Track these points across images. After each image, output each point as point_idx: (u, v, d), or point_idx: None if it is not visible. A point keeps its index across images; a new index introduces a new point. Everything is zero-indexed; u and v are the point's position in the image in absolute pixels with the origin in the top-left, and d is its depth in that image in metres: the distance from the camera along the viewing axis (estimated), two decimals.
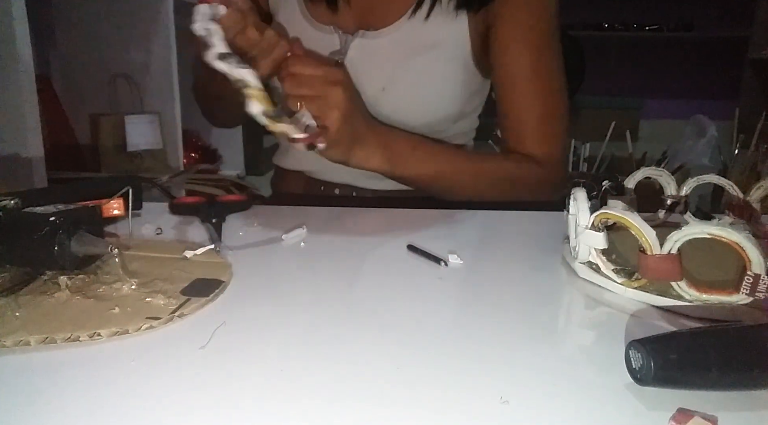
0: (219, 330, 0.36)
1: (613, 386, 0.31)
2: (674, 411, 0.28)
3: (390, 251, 0.52)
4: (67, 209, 0.43)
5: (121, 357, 0.33)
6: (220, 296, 0.41)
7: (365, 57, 0.76)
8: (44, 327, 0.35)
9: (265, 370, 0.32)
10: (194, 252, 0.47)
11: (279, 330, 0.37)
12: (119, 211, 0.49)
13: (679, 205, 0.57)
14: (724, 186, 0.56)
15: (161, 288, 0.41)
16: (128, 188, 0.50)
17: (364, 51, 0.76)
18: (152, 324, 0.36)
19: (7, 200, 0.44)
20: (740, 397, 0.30)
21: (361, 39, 0.76)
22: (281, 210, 0.67)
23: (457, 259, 0.49)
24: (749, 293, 0.38)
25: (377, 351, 0.34)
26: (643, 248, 0.40)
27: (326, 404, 0.29)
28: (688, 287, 0.40)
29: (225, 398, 0.29)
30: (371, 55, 0.76)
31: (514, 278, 0.47)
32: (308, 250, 0.53)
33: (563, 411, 0.29)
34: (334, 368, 0.32)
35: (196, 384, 0.30)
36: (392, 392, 0.30)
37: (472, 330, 0.37)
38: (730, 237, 0.37)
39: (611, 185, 0.53)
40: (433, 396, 0.30)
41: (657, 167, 0.57)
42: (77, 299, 0.39)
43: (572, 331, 0.39)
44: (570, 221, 0.47)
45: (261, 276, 0.46)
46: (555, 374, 0.32)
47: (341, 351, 0.34)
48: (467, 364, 0.33)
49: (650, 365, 0.28)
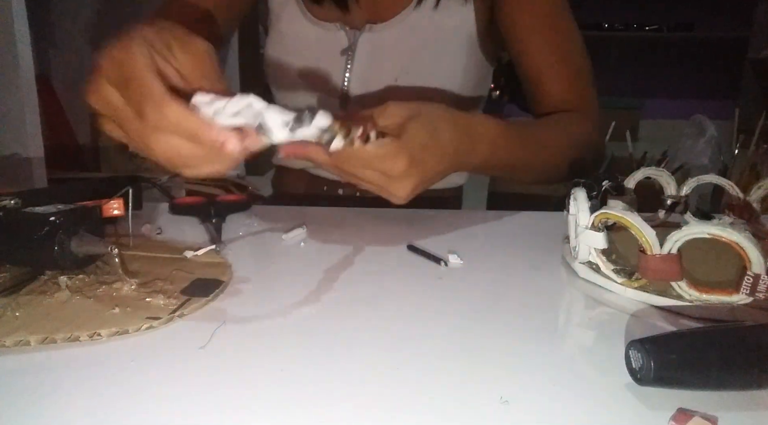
0: (219, 330, 0.36)
1: (613, 386, 0.31)
2: (674, 411, 0.28)
3: (390, 251, 0.52)
4: (67, 209, 0.43)
5: (121, 357, 0.33)
6: (220, 296, 0.41)
7: (375, 51, 0.76)
8: (44, 327, 0.35)
9: (265, 370, 0.32)
10: (194, 253, 0.47)
11: (279, 330, 0.37)
12: (119, 211, 0.48)
13: (679, 205, 0.57)
14: (724, 186, 0.56)
15: (161, 288, 0.41)
16: (128, 188, 0.50)
17: (374, 45, 0.76)
18: (152, 324, 0.36)
19: (7, 200, 0.44)
20: (740, 397, 0.30)
21: (369, 33, 0.76)
22: (281, 210, 0.67)
23: (457, 259, 0.49)
24: (749, 293, 0.38)
25: (377, 351, 0.34)
26: (643, 248, 0.40)
27: (326, 404, 0.29)
28: (688, 287, 0.40)
29: (225, 398, 0.29)
30: (381, 48, 0.76)
31: (514, 278, 0.47)
32: (308, 250, 0.53)
33: (563, 411, 0.29)
34: (334, 368, 0.32)
35: (196, 384, 0.30)
36: (392, 392, 0.30)
37: (472, 330, 0.37)
38: (730, 237, 0.37)
39: (611, 185, 0.53)
40: (433, 395, 0.30)
41: (657, 167, 0.57)
42: (77, 299, 0.39)
43: (572, 331, 0.39)
44: (570, 221, 0.47)
45: (261, 276, 0.46)
46: (555, 374, 0.32)
47: (341, 350, 0.34)
48: (467, 364, 0.33)
49: (650, 365, 0.28)
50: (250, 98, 0.38)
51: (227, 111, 0.38)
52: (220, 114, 0.38)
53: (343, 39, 0.77)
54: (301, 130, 0.40)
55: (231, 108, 0.38)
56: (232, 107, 0.38)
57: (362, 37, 0.76)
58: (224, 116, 0.38)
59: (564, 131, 0.67)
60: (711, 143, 1.16)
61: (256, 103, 0.38)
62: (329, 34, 0.77)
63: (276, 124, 0.39)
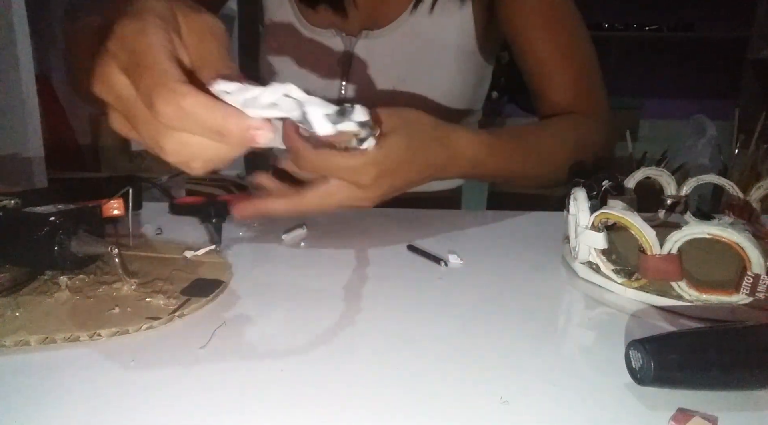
0: (219, 330, 0.36)
1: (613, 386, 0.31)
2: (674, 411, 0.28)
3: (390, 251, 0.52)
4: (67, 209, 0.43)
5: (121, 357, 0.33)
6: (220, 296, 0.41)
7: (373, 57, 0.75)
8: (44, 327, 0.35)
9: (265, 370, 0.32)
10: (195, 253, 0.47)
11: (279, 329, 0.37)
12: (119, 211, 0.48)
13: (679, 205, 0.57)
14: (724, 186, 0.56)
15: (161, 288, 0.41)
16: (128, 188, 0.50)
17: (371, 51, 0.75)
18: (152, 324, 0.36)
19: (7, 200, 0.44)
20: (740, 397, 0.30)
21: (366, 40, 0.75)
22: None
23: (457, 259, 0.49)
24: (749, 293, 0.38)
25: (377, 351, 0.34)
26: (643, 248, 0.40)
27: (326, 404, 0.29)
28: (688, 287, 0.40)
29: (225, 398, 0.29)
30: (379, 54, 0.75)
31: (514, 278, 0.47)
32: (308, 250, 0.53)
33: (563, 411, 0.29)
34: (334, 368, 0.32)
35: (196, 384, 0.30)
36: (392, 391, 0.30)
37: (472, 330, 0.37)
38: (730, 237, 0.37)
39: (611, 185, 0.53)
40: (433, 396, 0.30)
41: (657, 167, 0.57)
42: (77, 299, 0.39)
43: (572, 331, 0.39)
44: (570, 221, 0.47)
45: (261, 276, 0.46)
46: (555, 374, 0.32)
47: (341, 350, 0.34)
48: (467, 364, 0.33)
49: (650, 365, 0.28)
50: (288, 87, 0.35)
51: (262, 101, 0.34)
52: (252, 105, 0.33)
53: (339, 46, 0.76)
54: (343, 124, 0.38)
55: (266, 98, 0.34)
56: (268, 97, 0.34)
57: (359, 43, 0.75)
58: (258, 108, 0.33)
59: (563, 136, 0.66)
60: (711, 143, 1.16)
61: (295, 93, 0.35)
62: (323, 39, 0.76)
63: (318, 116, 0.36)
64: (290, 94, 0.35)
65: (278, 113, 0.35)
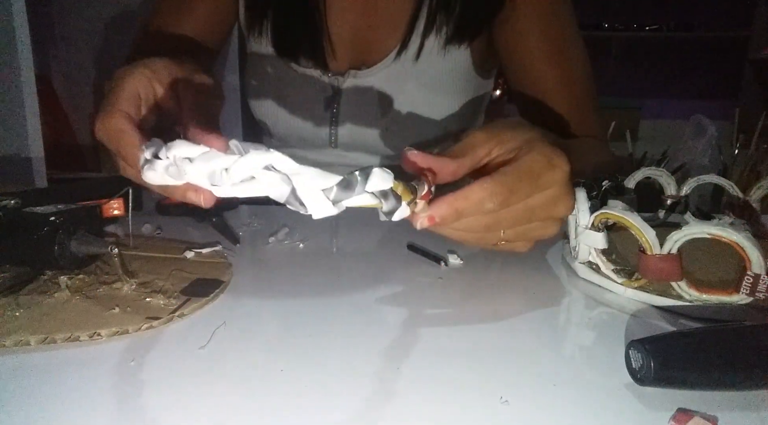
0: (219, 330, 0.36)
1: (613, 386, 0.31)
2: (674, 411, 0.28)
3: (390, 251, 0.52)
4: (67, 209, 0.43)
5: (121, 357, 0.33)
6: (220, 296, 0.41)
7: (361, 98, 0.73)
8: (44, 327, 0.35)
9: (265, 370, 0.32)
10: (199, 250, 0.48)
11: (279, 330, 0.37)
12: (119, 211, 0.49)
13: (679, 205, 0.57)
14: (724, 186, 0.56)
15: (161, 288, 0.41)
16: (128, 188, 0.50)
17: (359, 92, 0.72)
18: (152, 324, 0.36)
19: (7, 200, 0.44)
20: (740, 397, 0.30)
21: (354, 79, 0.72)
22: (281, 210, 0.66)
23: (457, 259, 0.49)
24: (749, 293, 0.38)
25: (377, 350, 0.34)
26: (643, 248, 0.40)
27: (326, 404, 0.29)
28: (688, 287, 0.40)
29: (225, 398, 0.29)
30: (367, 94, 0.72)
31: (514, 278, 0.47)
32: (308, 250, 0.53)
33: (563, 411, 0.29)
34: (334, 368, 0.32)
35: (196, 384, 0.30)
36: (392, 391, 0.30)
37: (471, 330, 0.37)
38: (730, 237, 0.37)
39: (611, 185, 0.53)
40: (433, 396, 0.30)
41: (657, 167, 0.57)
42: (77, 299, 0.39)
43: (572, 331, 0.39)
44: (570, 221, 0.47)
45: (261, 276, 0.46)
46: (555, 374, 0.32)
47: (341, 350, 0.34)
48: (467, 364, 0.33)
49: (650, 365, 0.28)
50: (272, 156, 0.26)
51: (235, 174, 0.27)
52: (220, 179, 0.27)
53: (327, 87, 0.73)
54: (350, 199, 0.30)
55: (241, 169, 0.26)
56: (244, 169, 0.26)
57: (346, 83, 0.73)
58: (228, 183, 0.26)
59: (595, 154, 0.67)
60: (711, 143, 1.16)
61: (280, 164, 0.26)
62: (309, 77, 0.74)
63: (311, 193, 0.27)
64: (274, 166, 0.27)
65: (255, 191, 0.27)
